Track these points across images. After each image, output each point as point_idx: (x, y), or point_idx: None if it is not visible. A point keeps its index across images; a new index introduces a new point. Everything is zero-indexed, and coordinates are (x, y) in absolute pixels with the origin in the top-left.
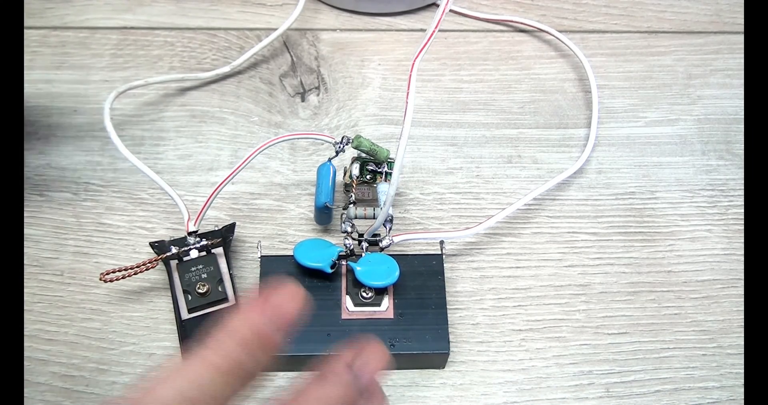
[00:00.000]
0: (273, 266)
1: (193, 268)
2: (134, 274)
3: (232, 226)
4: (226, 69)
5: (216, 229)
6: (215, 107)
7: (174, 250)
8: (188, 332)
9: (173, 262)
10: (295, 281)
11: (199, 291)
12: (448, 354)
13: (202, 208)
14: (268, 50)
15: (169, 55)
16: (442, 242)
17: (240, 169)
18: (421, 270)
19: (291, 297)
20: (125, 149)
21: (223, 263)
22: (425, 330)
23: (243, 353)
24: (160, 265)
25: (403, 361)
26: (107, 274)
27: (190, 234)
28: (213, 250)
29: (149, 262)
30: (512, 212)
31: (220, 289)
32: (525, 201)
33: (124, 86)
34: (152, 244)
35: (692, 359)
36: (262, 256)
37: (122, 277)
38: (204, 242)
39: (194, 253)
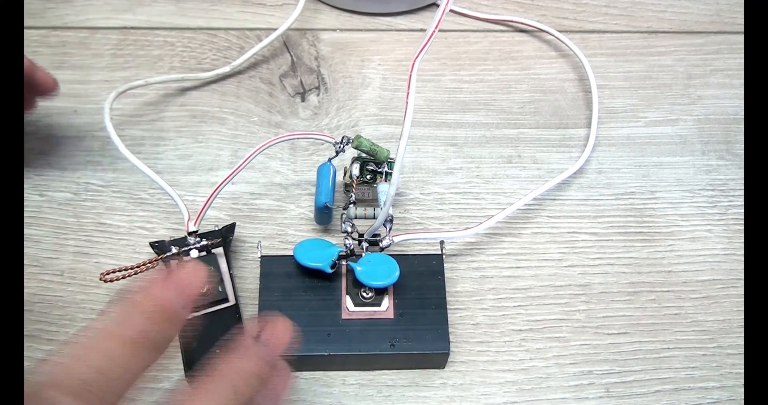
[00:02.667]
0: (273, 266)
1: None
2: (134, 274)
3: (232, 226)
4: (226, 69)
5: (216, 229)
6: (215, 107)
7: (174, 250)
8: (187, 332)
9: (173, 262)
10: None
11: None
12: (448, 354)
13: (203, 208)
14: (268, 50)
15: (169, 55)
16: (442, 242)
17: (240, 169)
18: (421, 270)
19: (193, 272)
20: (125, 149)
21: (223, 263)
22: (425, 330)
23: (148, 325)
24: (161, 266)
25: (403, 361)
26: (107, 274)
27: (190, 234)
28: (213, 250)
29: (149, 262)
30: (512, 212)
31: (220, 289)
32: (525, 201)
33: (124, 86)
34: (152, 244)
35: (692, 359)
36: (262, 256)
37: (122, 277)
38: (204, 242)
39: (194, 253)
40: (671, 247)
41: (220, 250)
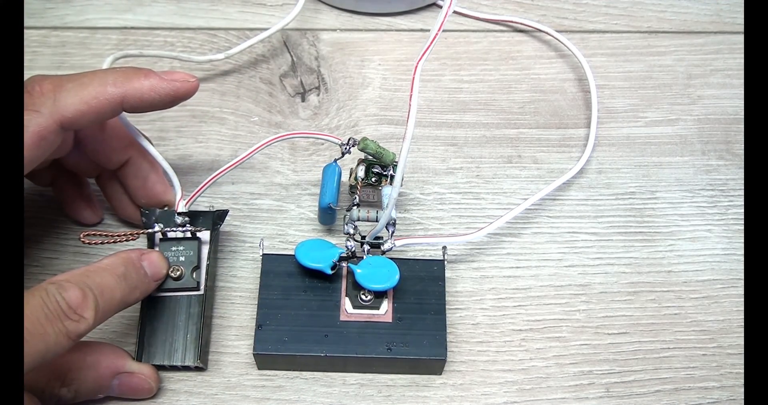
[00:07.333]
0: (274, 264)
1: (173, 248)
2: (114, 242)
3: (224, 213)
4: (220, 56)
5: (210, 209)
6: (215, 107)
7: (158, 228)
8: (149, 308)
9: (158, 236)
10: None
11: (172, 275)
12: (444, 361)
13: (197, 191)
14: (268, 50)
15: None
16: (444, 248)
17: (247, 157)
18: (422, 275)
19: (159, 260)
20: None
21: (204, 250)
22: (423, 335)
23: (133, 273)
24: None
25: (400, 366)
26: (87, 235)
27: (179, 214)
28: (199, 235)
29: (130, 234)
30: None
31: (194, 276)
32: (532, 201)
33: (120, 53)
34: (142, 210)
35: (692, 359)
36: (264, 253)
37: (100, 242)
38: (190, 228)
39: (179, 233)
40: (671, 247)
41: (206, 237)
